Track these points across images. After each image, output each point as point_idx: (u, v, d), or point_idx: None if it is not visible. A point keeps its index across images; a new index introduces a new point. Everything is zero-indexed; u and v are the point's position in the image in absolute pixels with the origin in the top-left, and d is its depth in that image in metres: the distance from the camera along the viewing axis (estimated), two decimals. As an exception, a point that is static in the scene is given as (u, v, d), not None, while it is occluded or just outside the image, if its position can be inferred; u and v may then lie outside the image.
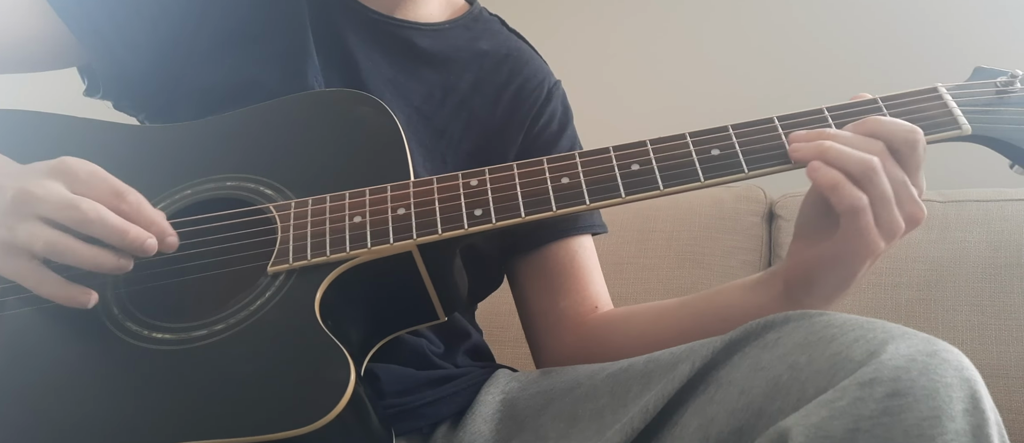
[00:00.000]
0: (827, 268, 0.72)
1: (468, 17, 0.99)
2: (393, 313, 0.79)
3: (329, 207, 0.74)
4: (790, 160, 0.70)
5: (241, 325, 0.70)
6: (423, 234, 0.72)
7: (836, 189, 0.67)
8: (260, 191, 0.78)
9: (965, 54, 1.58)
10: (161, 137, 0.84)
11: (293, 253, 0.72)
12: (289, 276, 0.72)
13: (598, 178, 0.72)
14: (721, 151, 0.72)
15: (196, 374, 0.68)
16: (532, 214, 0.72)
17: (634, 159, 0.73)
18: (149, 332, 0.71)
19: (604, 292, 0.96)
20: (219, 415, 0.66)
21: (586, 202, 0.72)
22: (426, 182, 0.75)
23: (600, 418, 0.73)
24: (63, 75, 0.95)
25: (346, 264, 0.72)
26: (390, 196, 0.74)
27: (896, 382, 0.55)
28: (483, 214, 0.72)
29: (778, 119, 0.73)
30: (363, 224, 0.73)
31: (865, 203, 0.67)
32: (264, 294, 0.71)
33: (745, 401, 0.62)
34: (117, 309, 0.73)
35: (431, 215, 0.73)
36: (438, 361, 0.89)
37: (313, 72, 0.88)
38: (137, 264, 0.74)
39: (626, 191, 0.71)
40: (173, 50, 0.89)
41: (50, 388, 0.69)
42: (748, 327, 0.66)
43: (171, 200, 0.78)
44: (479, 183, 0.74)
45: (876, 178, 0.67)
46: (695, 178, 0.71)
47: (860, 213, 0.67)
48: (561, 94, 1.00)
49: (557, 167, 0.74)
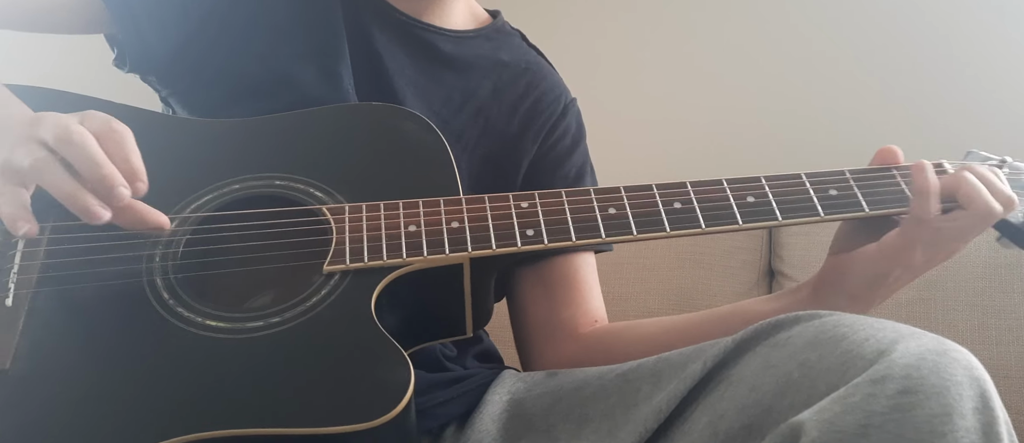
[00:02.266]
0: (867, 263, 0.78)
1: (491, 29, 1.03)
2: (428, 324, 0.81)
3: (384, 214, 0.77)
4: (818, 212, 0.78)
5: (298, 320, 0.72)
6: (478, 248, 0.75)
7: (925, 197, 0.76)
8: (310, 192, 0.79)
9: (965, 75, 1.66)
10: (206, 131, 0.85)
11: (350, 255, 0.74)
12: (344, 277, 0.74)
13: (644, 212, 0.78)
14: (755, 199, 0.78)
15: (254, 363, 0.69)
16: (582, 239, 0.77)
17: (676, 198, 0.78)
18: (203, 319, 0.72)
19: (602, 308, 1.00)
20: (278, 405, 0.67)
21: (633, 233, 0.77)
22: (478, 199, 0.78)
23: (611, 418, 0.75)
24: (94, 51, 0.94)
25: (400, 270, 0.74)
26: (444, 209, 0.77)
27: (907, 379, 0.57)
28: (535, 234, 0.76)
29: (806, 175, 0.80)
30: (418, 233, 0.76)
31: (931, 219, 0.75)
32: (319, 292, 0.73)
33: (755, 398, 0.64)
34: (167, 294, 0.73)
35: (485, 231, 0.76)
36: (449, 364, 0.92)
37: (346, 73, 0.91)
38: (188, 250, 0.74)
39: (671, 227, 0.77)
40: (201, 34, 0.90)
41: (99, 369, 0.69)
42: (758, 327, 0.69)
43: (219, 193, 0.79)
44: (529, 205, 0.78)
45: (970, 222, 0.76)
46: (734, 221, 0.77)
47: (922, 225, 0.76)
48: (576, 111, 1.04)
49: (604, 198, 0.79)
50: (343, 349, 0.71)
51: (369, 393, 0.68)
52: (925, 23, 1.70)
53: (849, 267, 0.80)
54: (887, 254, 0.77)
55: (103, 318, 0.71)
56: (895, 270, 0.78)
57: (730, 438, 0.65)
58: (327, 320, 0.72)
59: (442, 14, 0.98)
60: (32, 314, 0.70)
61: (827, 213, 0.78)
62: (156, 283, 0.73)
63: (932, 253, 0.77)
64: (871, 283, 0.79)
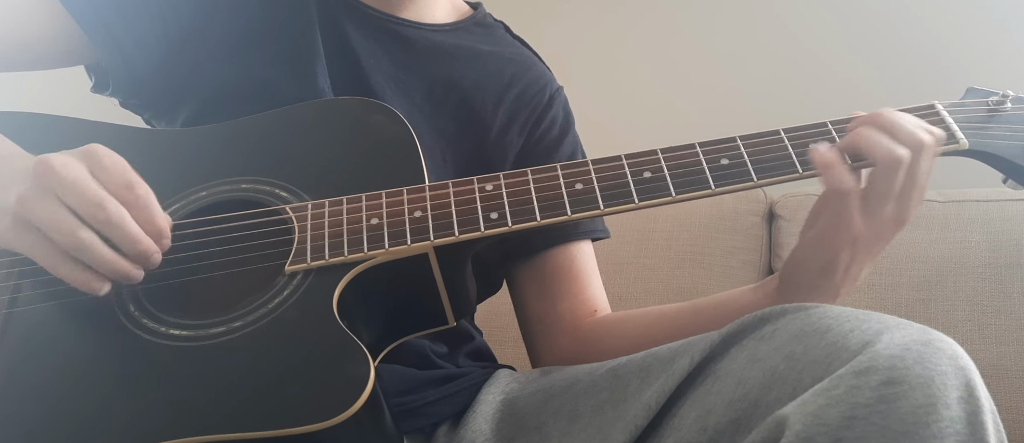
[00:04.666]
0: (810, 249, 0.75)
1: (471, 21, 1.01)
2: (405, 316, 0.80)
3: (346, 209, 0.76)
4: (797, 169, 0.73)
5: (260, 323, 0.71)
6: (440, 236, 0.74)
7: (829, 169, 0.71)
8: (275, 193, 0.79)
9: (960, 66, 1.63)
10: (175, 140, 0.85)
11: (311, 253, 0.73)
12: (307, 275, 0.73)
13: (611, 184, 0.74)
14: (730, 161, 0.74)
15: (215, 369, 0.69)
16: (547, 218, 0.74)
17: (646, 167, 0.75)
18: (166, 329, 0.71)
19: (602, 297, 0.98)
20: (239, 410, 0.66)
21: (600, 207, 0.74)
22: (442, 186, 0.76)
23: (601, 414, 0.74)
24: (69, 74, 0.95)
25: (363, 264, 0.73)
26: (406, 199, 0.76)
27: (891, 370, 0.56)
28: (499, 217, 0.74)
29: (784, 131, 0.75)
30: (380, 225, 0.74)
31: (850, 187, 0.70)
32: (282, 293, 0.72)
33: (742, 392, 0.63)
34: (133, 306, 0.73)
35: (448, 217, 0.74)
36: (440, 362, 0.90)
37: (322, 72, 0.90)
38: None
39: (639, 197, 0.73)
40: (182, 49, 0.89)
41: (67, 383, 0.69)
42: (744, 320, 0.68)
43: (186, 201, 0.79)
44: (494, 187, 0.76)
45: (886, 176, 0.70)
46: (706, 186, 0.73)
47: (846, 196, 0.70)
48: (563, 100, 1.02)
49: (571, 174, 0.76)
50: (304, 348, 0.70)
51: (329, 391, 0.66)
52: (927, 36, 1.68)
53: (798, 258, 0.77)
54: (826, 234, 0.73)
55: (72, 334, 0.71)
56: (842, 251, 0.73)
57: (718, 433, 0.64)
58: (289, 321, 0.71)
59: (419, 9, 0.96)
60: (5, 333, 0.72)
61: (718, 186, 0.73)
62: (123, 296, 0.73)
63: (872, 222, 0.72)
64: (823, 269, 0.75)
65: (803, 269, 0.76)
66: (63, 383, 0.69)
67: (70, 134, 0.84)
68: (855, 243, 0.72)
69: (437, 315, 0.80)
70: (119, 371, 0.70)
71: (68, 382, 0.69)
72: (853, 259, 0.73)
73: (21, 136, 0.78)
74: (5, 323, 0.72)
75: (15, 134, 0.78)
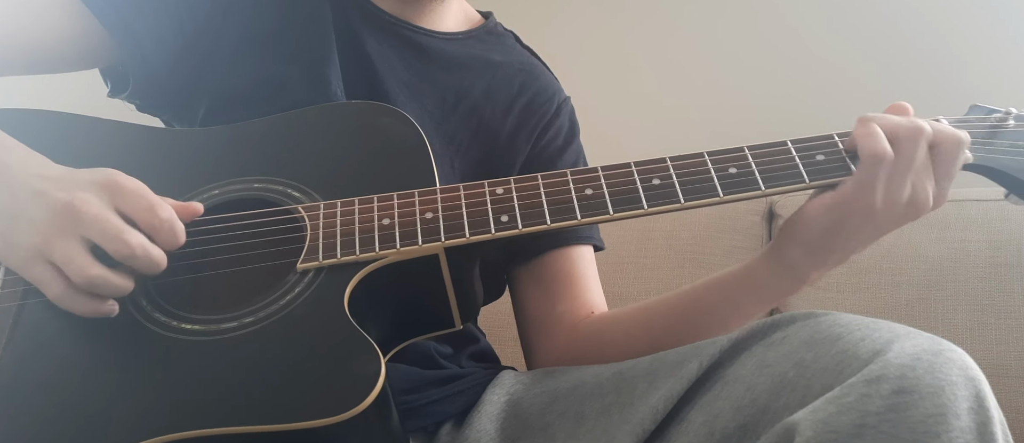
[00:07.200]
0: (823, 207, 0.74)
1: (482, 30, 1.02)
2: (413, 317, 0.80)
3: (358, 209, 0.76)
4: (804, 179, 0.74)
5: (271, 319, 0.71)
6: (451, 237, 0.74)
7: (870, 137, 0.72)
8: (287, 193, 0.79)
9: (965, 83, 1.64)
10: (189, 139, 0.86)
11: (323, 251, 0.74)
12: (318, 273, 0.74)
13: (621, 190, 0.75)
14: (738, 169, 0.75)
15: (226, 364, 0.69)
16: (557, 222, 0.75)
17: (655, 174, 0.76)
18: (178, 323, 0.72)
19: (600, 300, 0.99)
20: (249, 403, 0.67)
21: (610, 212, 0.74)
22: (453, 188, 0.77)
23: (607, 416, 0.74)
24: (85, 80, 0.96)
25: (374, 264, 0.74)
26: (418, 200, 0.77)
27: (902, 379, 0.56)
28: (509, 220, 0.75)
29: (791, 142, 0.77)
30: (392, 226, 0.75)
31: (890, 156, 0.71)
32: (293, 290, 0.73)
33: (751, 397, 0.64)
34: (145, 300, 0.73)
35: (458, 219, 0.75)
36: (444, 362, 0.91)
37: (335, 75, 0.91)
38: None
39: (649, 203, 0.74)
40: (197, 47, 0.90)
41: (78, 375, 0.69)
42: (753, 326, 0.68)
43: (199, 199, 0.79)
44: (505, 191, 0.77)
45: (909, 145, 0.71)
46: (714, 193, 0.74)
47: (880, 162, 0.71)
48: (569, 110, 1.04)
49: (581, 179, 0.77)
50: (314, 345, 0.70)
51: (340, 387, 0.67)
52: (924, 18, 1.68)
53: (805, 214, 0.76)
54: (846, 196, 0.73)
55: (84, 328, 0.72)
56: (853, 217, 0.73)
57: (726, 438, 0.64)
58: (299, 317, 0.71)
59: (433, 18, 0.98)
60: (16, 327, 0.72)
61: (813, 179, 0.74)
62: (135, 290, 0.74)
63: (889, 200, 0.72)
64: (828, 230, 0.75)
65: (810, 227, 0.76)
66: (74, 375, 0.69)
67: (89, 133, 0.84)
68: (868, 214, 0.72)
69: (445, 317, 0.81)
70: (130, 364, 0.70)
71: (79, 374, 0.69)
72: (858, 230, 0.74)
73: (41, 135, 0.79)
74: (17, 316, 0.72)
75: (35, 133, 0.79)
